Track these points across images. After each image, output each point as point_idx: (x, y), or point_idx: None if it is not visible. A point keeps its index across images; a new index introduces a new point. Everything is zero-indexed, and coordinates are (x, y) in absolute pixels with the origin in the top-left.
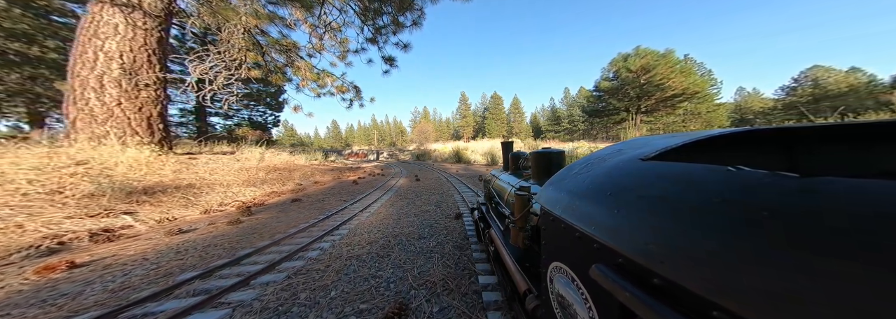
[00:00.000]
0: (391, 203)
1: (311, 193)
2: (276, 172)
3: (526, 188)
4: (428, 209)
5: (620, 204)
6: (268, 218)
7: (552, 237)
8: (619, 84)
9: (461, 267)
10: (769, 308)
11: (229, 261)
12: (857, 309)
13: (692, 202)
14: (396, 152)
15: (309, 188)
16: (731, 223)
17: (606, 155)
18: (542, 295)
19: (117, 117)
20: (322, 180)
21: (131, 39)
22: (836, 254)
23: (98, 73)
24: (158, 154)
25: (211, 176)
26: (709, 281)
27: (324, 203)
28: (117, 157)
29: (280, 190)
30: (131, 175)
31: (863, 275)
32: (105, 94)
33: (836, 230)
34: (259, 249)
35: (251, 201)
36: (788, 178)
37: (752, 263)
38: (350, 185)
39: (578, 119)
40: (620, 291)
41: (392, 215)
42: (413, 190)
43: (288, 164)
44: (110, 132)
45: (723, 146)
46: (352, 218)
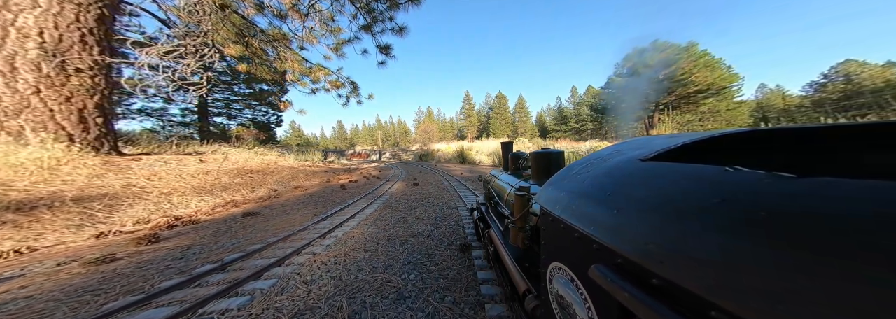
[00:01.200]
0: (375, 219)
1: (281, 203)
2: (247, 176)
3: (525, 188)
4: (422, 230)
5: (620, 205)
6: (169, 251)
7: (551, 237)
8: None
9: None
10: (768, 308)
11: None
12: (857, 309)
13: (691, 202)
14: (399, 152)
15: (284, 195)
16: (730, 223)
17: (606, 155)
18: (542, 295)
19: (35, 108)
20: (306, 184)
21: (57, 14)
22: (835, 254)
23: (7, 54)
24: (82, 154)
25: (148, 183)
26: (707, 281)
27: (285, 218)
28: (5, 159)
29: (243, 199)
30: (17, 183)
31: (862, 275)
32: (17, 80)
33: (835, 230)
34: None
35: (188, 215)
36: (787, 179)
37: (751, 263)
38: (335, 191)
39: (587, 118)
40: (619, 291)
41: (368, 241)
42: (408, 199)
43: (268, 166)
44: (26, 127)
45: (722, 146)
46: (305, 246)
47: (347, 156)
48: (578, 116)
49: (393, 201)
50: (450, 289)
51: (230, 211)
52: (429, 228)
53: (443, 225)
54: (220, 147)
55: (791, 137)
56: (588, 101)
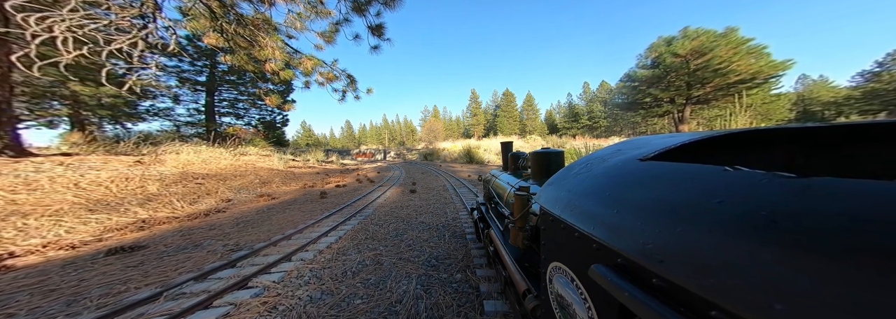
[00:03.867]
0: (329, 259)
1: (217, 222)
2: (194, 182)
3: (525, 188)
4: (406, 291)
5: (619, 204)
6: None
7: (551, 237)
8: (662, 72)
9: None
10: (768, 308)
11: None
12: (856, 309)
13: (691, 202)
14: (404, 151)
15: (237, 207)
16: (730, 223)
17: (606, 155)
18: (542, 295)
19: None
20: (278, 191)
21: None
22: (835, 254)
23: None
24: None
25: (14, 196)
26: (708, 281)
27: (172, 260)
28: None
29: (167, 216)
30: None
31: (862, 275)
32: None
33: (835, 230)
34: None
35: (28, 250)
36: (786, 178)
37: (751, 263)
38: (309, 201)
39: (600, 115)
40: (619, 291)
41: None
42: (397, 216)
43: (235, 169)
44: None
45: (722, 146)
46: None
47: (352, 156)
48: (591, 113)
49: (376, 219)
50: None
51: (124, 236)
52: (418, 287)
53: (445, 272)
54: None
55: (791, 137)
56: (601, 97)
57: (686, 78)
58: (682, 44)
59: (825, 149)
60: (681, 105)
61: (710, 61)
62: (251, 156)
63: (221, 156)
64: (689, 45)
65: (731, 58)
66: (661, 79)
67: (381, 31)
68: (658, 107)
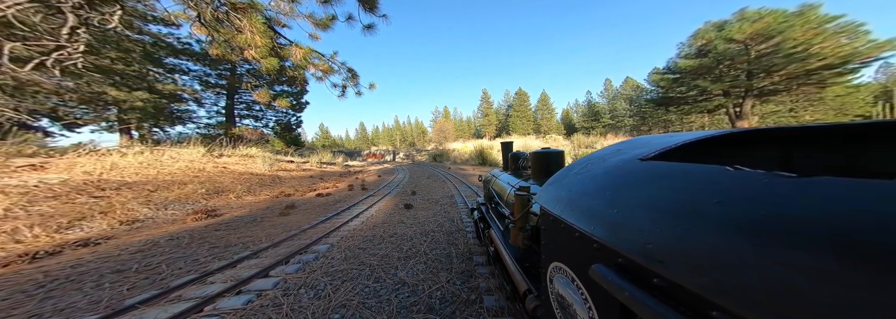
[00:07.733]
0: None
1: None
2: (92, 196)
3: (526, 188)
4: None
5: (620, 204)
6: None
7: (552, 237)
8: (712, 61)
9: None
10: (768, 307)
11: None
12: (857, 309)
13: (691, 202)
14: (413, 153)
15: (126, 237)
16: (730, 223)
17: (606, 155)
18: (542, 295)
19: None
20: (236, 203)
21: None
22: (835, 254)
23: None
24: None
25: None
26: (708, 281)
27: None
28: None
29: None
30: None
31: (861, 275)
32: None
33: (835, 230)
34: None
35: None
36: (786, 178)
37: (751, 263)
38: (256, 223)
39: (625, 113)
40: (620, 291)
41: None
42: (365, 261)
43: (181, 175)
44: None
45: (722, 146)
46: None
47: (362, 157)
48: (613, 111)
49: (322, 269)
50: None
51: None
52: None
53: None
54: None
55: (791, 137)
56: (626, 95)
57: (746, 66)
58: (739, 27)
59: (825, 149)
60: (738, 97)
61: (780, 45)
62: (231, 157)
63: (180, 158)
64: (748, 28)
65: (811, 40)
66: (712, 70)
67: (373, 4)
68: (707, 102)
